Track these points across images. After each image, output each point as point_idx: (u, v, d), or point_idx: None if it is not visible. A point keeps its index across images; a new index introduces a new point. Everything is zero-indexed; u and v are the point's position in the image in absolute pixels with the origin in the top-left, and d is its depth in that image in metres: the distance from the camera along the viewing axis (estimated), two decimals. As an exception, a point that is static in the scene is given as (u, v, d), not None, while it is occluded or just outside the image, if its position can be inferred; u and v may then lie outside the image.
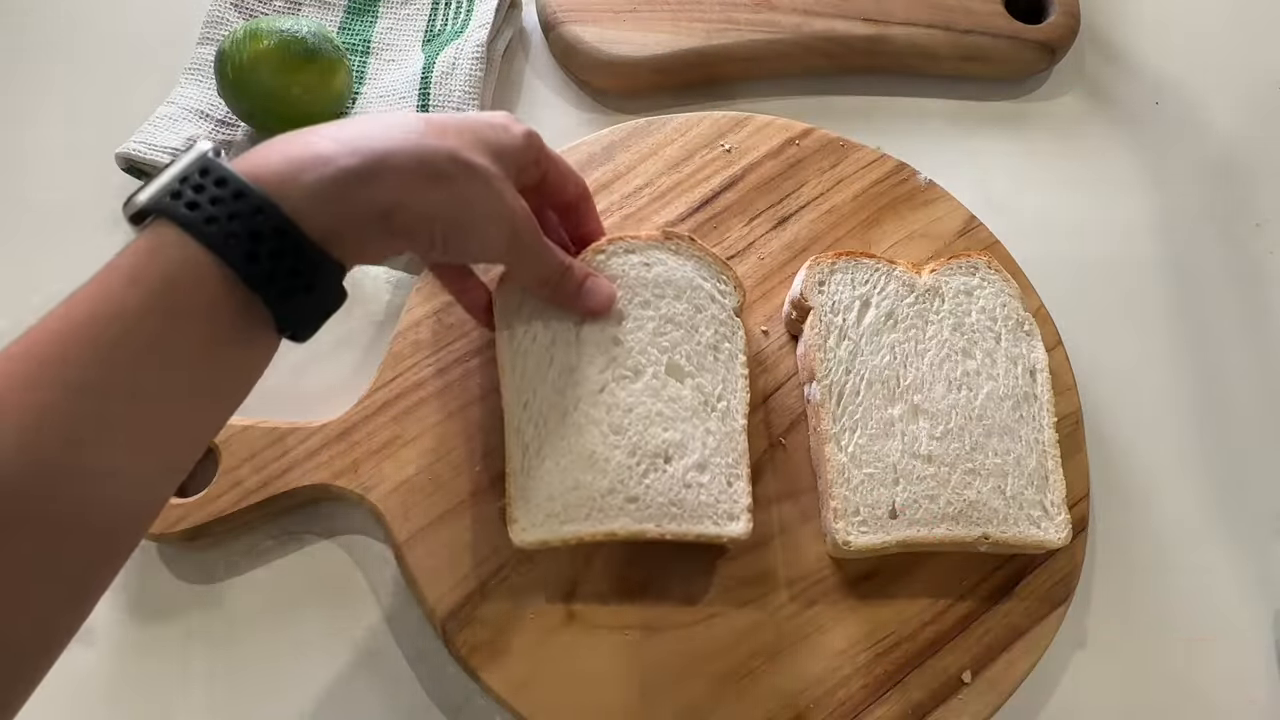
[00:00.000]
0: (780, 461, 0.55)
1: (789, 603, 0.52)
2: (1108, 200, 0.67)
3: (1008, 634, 0.52)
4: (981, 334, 0.55)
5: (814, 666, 0.51)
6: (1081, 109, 0.70)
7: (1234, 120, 0.70)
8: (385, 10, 0.69)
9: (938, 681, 0.51)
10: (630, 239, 0.55)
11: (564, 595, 0.51)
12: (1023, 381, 0.54)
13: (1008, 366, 0.54)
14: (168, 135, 0.61)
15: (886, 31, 0.67)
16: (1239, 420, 0.61)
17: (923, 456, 0.52)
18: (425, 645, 0.53)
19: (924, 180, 0.62)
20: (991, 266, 0.57)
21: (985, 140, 0.68)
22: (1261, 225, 0.67)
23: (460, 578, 0.52)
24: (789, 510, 0.54)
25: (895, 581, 0.53)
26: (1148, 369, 0.62)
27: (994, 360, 0.54)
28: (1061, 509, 0.52)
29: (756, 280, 0.59)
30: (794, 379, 0.57)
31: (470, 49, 0.64)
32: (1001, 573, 0.53)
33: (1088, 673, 0.54)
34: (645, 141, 0.62)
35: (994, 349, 0.55)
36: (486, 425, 0.54)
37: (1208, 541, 0.58)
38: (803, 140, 0.63)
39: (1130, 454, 0.59)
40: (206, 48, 0.65)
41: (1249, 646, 0.56)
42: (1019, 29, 0.68)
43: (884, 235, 0.60)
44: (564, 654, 0.50)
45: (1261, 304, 0.64)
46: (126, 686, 0.51)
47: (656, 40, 0.66)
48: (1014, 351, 0.55)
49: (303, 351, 0.60)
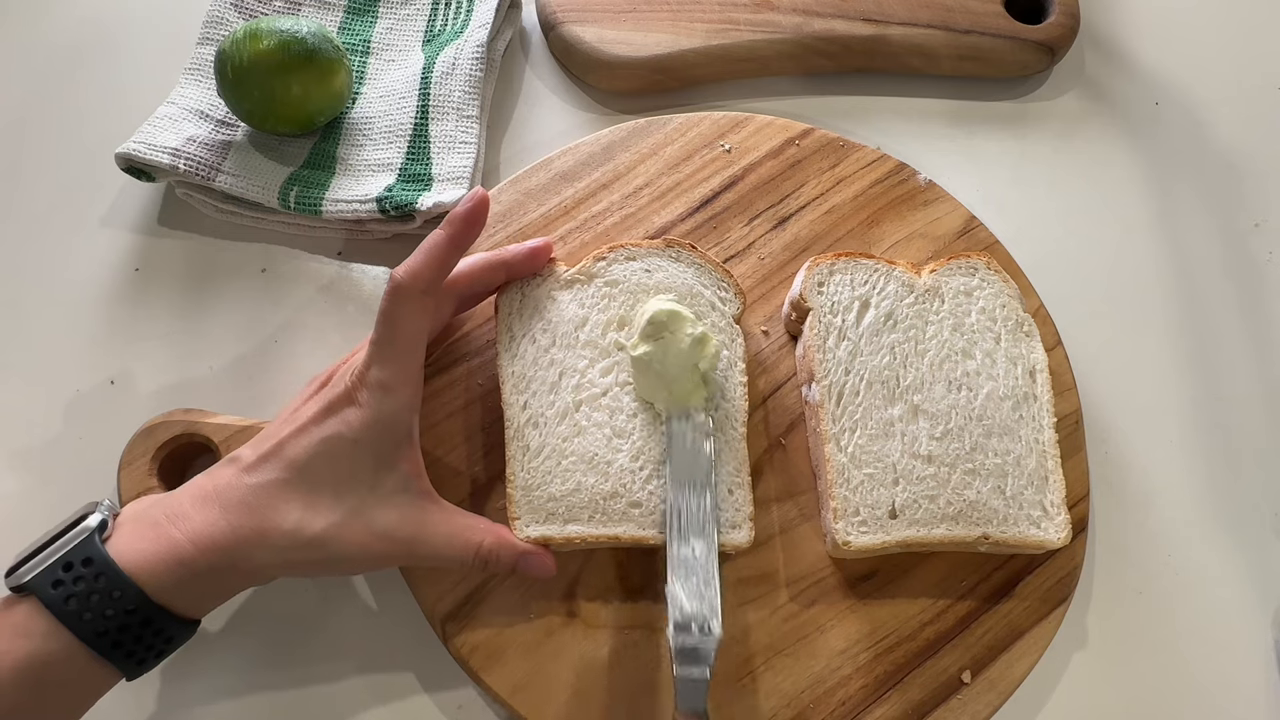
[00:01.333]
0: (780, 462, 0.55)
1: (789, 603, 0.52)
2: (1108, 200, 0.67)
3: (1008, 634, 0.52)
4: (981, 334, 0.55)
5: (814, 666, 0.51)
6: (1081, 109, 0.70)
7: (1234, 120, 0.70)
8: (385, 10, 0.69)
9: (938, 681, 0.51)
10: (631, 246, 0.55)
11: (564, 595, 0.51)
12: (1022, 382, 0.54)
13: (1007, 367, 0.54)
14: (168, 135, 0.61)
15: (886, 31, 0.67)
16: (1239, 420, 0.61)
17: (922, 457, 0.52)
18: (425, 645, 0.53)
19: (924, 180, 0.62)
20: (991, 267, 0.57)
21: (985, 140, 0.68)
22: (1261, 225, 0.67)
23: (460, 577, 0.52)
24: (789, 510, 0.54)
25: (895, 581, 0.53)
26: (1148, 369, 0.62)
27: (994, 361, 0.54)
28: (1061, 509, 0.52)
29: (756, 281, 0.59)
30: (793, 379, 0.57)
31: (470, 49, 0.64)
32: (1001, 573, 0.53)
33: (1088, 673, 0.55)
34: (645, 141, 0.62)
35: (994, 349, 0.55)
36: (487, 424, 0.54)
37: (1208, 541, 0.58)
38: (803, 140, 0.63)
39: (1130, 454, 0.59)
40: (206, 48, 0.65)
41: (1248, 646, 0.56)
42: (1019, 29, 0.68)
43: (884, 235, 0.60)
44: (564, 654, 0.50)
45: (1261, 304, 0.64)
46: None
47: (656, 40, 0.66)
48: (1014, 352, 0.55)
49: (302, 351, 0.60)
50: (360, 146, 0.63)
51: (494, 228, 0.59)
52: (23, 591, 0.42)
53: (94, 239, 0.63)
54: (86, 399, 0.58)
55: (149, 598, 0.42)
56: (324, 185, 0.61)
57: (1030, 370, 0.54)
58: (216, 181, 0.60)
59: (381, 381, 0.46)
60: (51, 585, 0.42)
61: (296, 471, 0.45)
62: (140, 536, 0.44)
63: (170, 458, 0.53)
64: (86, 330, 0.60)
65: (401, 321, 0.46)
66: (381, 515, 0.46)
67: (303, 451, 0.45)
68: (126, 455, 0.53)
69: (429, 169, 0.61)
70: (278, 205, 0.60)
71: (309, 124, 0.61)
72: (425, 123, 0.63)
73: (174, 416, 0.54)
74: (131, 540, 0.44)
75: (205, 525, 0.44)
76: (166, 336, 0.60)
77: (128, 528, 0.45)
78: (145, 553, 0.43)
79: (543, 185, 0.61)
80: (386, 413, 0.46)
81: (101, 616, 0.42)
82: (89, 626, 0.41)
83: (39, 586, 0.42)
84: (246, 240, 0.63)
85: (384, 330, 0.46)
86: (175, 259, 0.62)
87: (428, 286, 0.46)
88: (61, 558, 0.42)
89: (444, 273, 0.47)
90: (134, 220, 0.63)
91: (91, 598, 0.42)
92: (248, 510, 0.45)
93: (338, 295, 0.61)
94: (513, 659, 0.50)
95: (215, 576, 0.45)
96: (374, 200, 0.59)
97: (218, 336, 0.60)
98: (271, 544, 0.44)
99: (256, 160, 0.62)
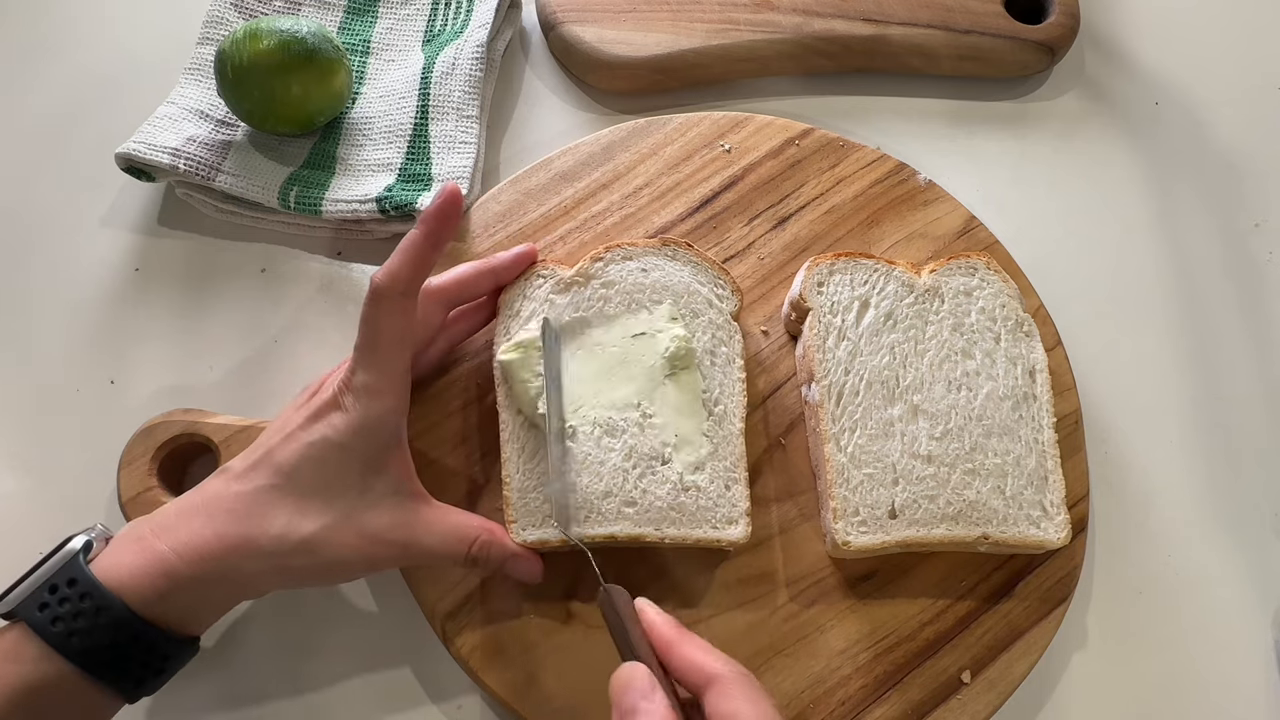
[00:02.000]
0: (780, 461, 0.55)
1: (789, 603, 0.52)
2: (1108, 200, 0.67)
3: (1007, 634, 0.52)
4: (981, 334, 0.55)
5: (814, 666, 0.51)
6: (1081, 109, 0.70)
7: (1234, 120, 0.70)
8: (385, 10, 0.69)
9: (937, 681, 0.51)
10: (628, 245, 0.55)
11: (564, 595, 0.52)
12: (1022, 382, 0.54)
13: (1007, 367, 0.54)
14: (168, 135, 0.61)
15: (886, 31, 0.67)
16: (1239, 420, 0.61)
17: (922, 457, 0.52)
18: (425, 645, 0.53)
19: (924, 180, 0.62)
20: (990, 267, 0.57)
21: (985, 140, 0.68)
22: (1261, 225, 0.66)
23: (460, 578, 0.52)
24: (789, 510, 0.54)
25: (895, 581, 0.53)
26: (1148, 369, 0.62)
27: (993, 360, 0.54)
28: (1061, 509, 0.52)
29: (756, 280, 0.59)
30: (793, 379, 0.57)
31: (470, 49, 0.64)
32: (1001, 573, 0.53)
33: (1088, 673, 0.54)
34: (645, 141, 0.62)
35: (993, 349, 0.54)
36: (485, 425, 0.54)
37: (1208, 541, 0.58)
38: (803, 140, 0.63)
39: (1130, 454, 0.59)
40: (206, 48, 0.65)
41: (1248, 646, 0.56)
42: (1018, 29, 0.68)
43: (884, 235, 0.60)
44: (564, 654, 0.50)
45: (1261, 304, 0.64)
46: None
47: (656, 40, 0.66)
48: (1013, 352, 0.55)
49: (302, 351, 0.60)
50: (360, 146, 0.63)
51: (494, 227, 0.59)
52: (11, 618, 0.42)
53: (94, 239, 0.63)
54: (86, 399, 0.58)
55: (135, 613, 0.42)
56: (324, 185, 0.61)
57: (1030, 370, 0.54)
58: (216, 181, 0.60)
59: (366, 386, 0.45)
60: (38, 609, 0.41)
61: (285, 477, 0.45)
62: (125, 552, 0.43)
63: (170, 458, 0.53)
64: (86, 330, 0.60)
65: (383, 325, 0.46)
66: (372, 518, 0.46)
67: (290, 458, 0.45)
68: (126, 455, 0.53)
69: (429, 169, 0.61)
70: (278, 205, 0.60)
71: (309, 124, 0.62)
72: (425, 123, 0.63)
73: (174, 416, 0.54)
74: (116, 557, 0.43)
75: (191, 535, 0.44)
76: (166, 336, 0.60)
77: (113, 545, 0.44)
78: (130, 567, 0.43)
79: (543, 185, 0.61)
80: (373, 417, 0.45)
81: (88, 636, 0.41)
82: (77, 647, 0.41)
83: (25, 611, 0.41)
84: (246, 240, 0.63)
85: (366, 335, 0.46)
86: (175, 259, 0.62)
87: (406, 288, 0.46)
88: (47, 581, 0.42)
89: (423, 272, 0.47)
90: (134, 220, 0.63)
91: (78, 618, 0.41)
92: (234, 518, 0.44)
93: (338, 295, 0.61)
94: (513, 659, 0.50)
95: (204, 588, 0.44)
96: (374, 200, 0.59)
97: (218, 336, 0.60)
98: (260, 550, 0.44)
99: (256, 160, 0.62)
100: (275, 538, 0.44)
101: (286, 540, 0.44)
